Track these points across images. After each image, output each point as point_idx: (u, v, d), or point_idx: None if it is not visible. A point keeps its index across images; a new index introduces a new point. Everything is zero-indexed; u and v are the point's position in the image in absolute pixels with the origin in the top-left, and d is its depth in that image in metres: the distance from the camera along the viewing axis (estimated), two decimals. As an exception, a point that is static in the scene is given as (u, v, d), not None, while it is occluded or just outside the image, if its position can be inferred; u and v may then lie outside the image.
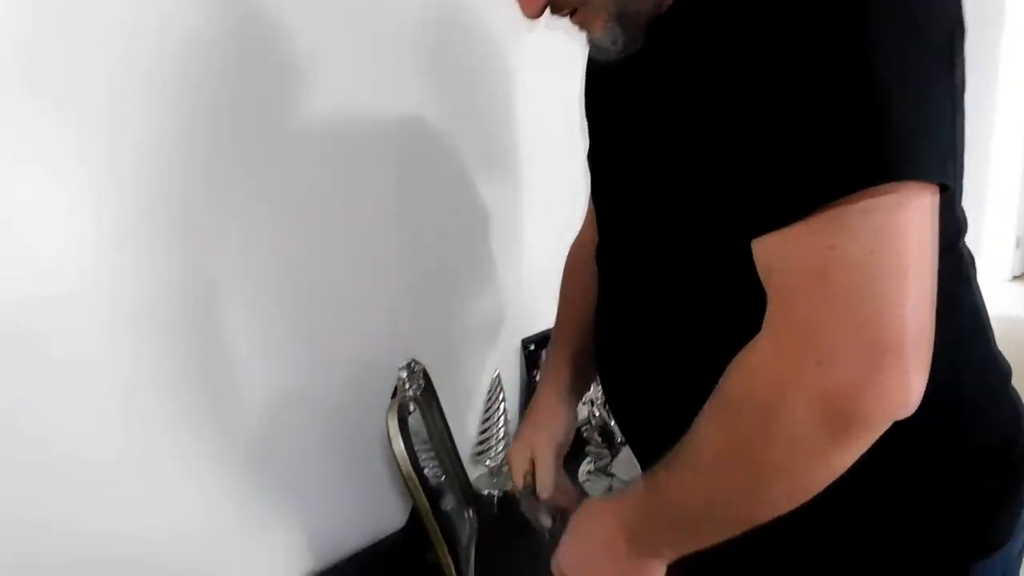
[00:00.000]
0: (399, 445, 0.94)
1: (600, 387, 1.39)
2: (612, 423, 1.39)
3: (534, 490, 0.94)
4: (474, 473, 1.36)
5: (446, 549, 0.97)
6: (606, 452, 1.40)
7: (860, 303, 0.53)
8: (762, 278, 0.58)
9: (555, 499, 0.93)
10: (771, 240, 0.57)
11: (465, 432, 1.34)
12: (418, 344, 1.24)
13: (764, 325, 0.58)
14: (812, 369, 0.54)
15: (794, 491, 0.59)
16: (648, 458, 0.71)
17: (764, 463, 0.58)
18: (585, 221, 1.01)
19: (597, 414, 1.40)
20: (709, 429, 0.62)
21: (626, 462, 1.36)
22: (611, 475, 1.38)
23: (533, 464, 0.94)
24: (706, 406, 0.62)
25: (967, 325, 0.70)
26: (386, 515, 1.22)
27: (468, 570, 1.08)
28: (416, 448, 1.08)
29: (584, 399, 1.39)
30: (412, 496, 0.95)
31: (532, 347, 1.47)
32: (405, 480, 0.95)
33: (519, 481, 0.95)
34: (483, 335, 1.39)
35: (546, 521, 0.97)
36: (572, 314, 0.97)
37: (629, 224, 0.77)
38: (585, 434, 1.40)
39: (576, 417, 0.98)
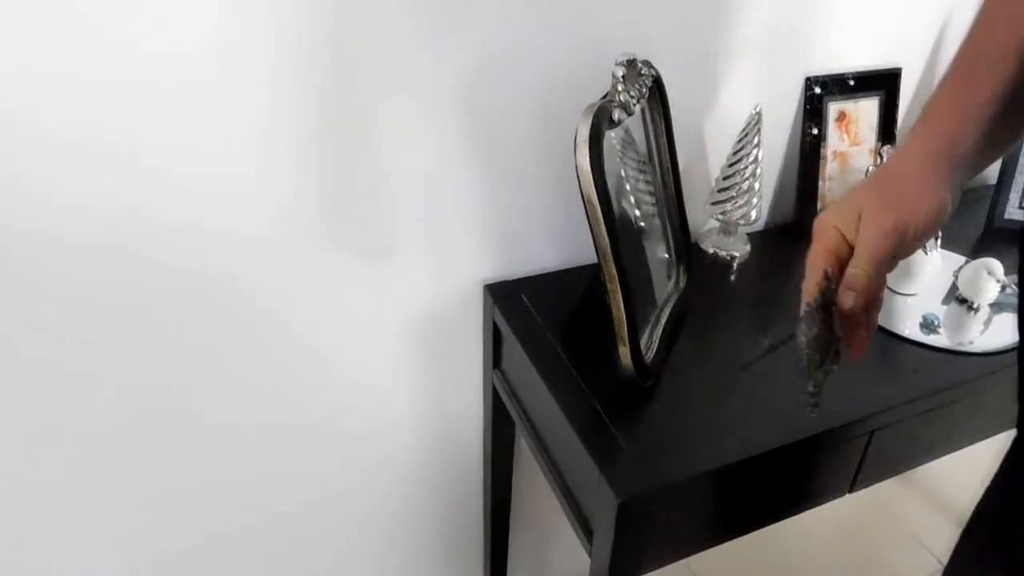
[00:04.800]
0: (584, 157, 0.72)
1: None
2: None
3: (829, 291, 0.58)
4: (704, 225, 1.12)
5: (620, 298, 0.77)
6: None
7: None
8: None
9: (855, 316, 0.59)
10: None
11: (706, 175, 1.09)
12: (661, 45, 0.96)
13: None
14: None
15: None
16: None
17: None
18: None
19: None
20: None
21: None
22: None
23: (846, 246, 0.59)
24: None
25: None
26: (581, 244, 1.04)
27: (654, 333, 0.90)
28: (627, 170, 0.86)
29: (868, 171, 1.06)
30: (590, 224, 0.75)
31: (818, 89, 1.11)
32: (584, 203, 0.74)
33: (815, 264, 0.60)
34: (751, 57, 1.05)
35: (806, 356, 0.60)
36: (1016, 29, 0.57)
37: None
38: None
39: (955, 203, 0.59)
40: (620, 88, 0.78)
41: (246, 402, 0.99)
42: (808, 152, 1.14)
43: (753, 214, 1.05)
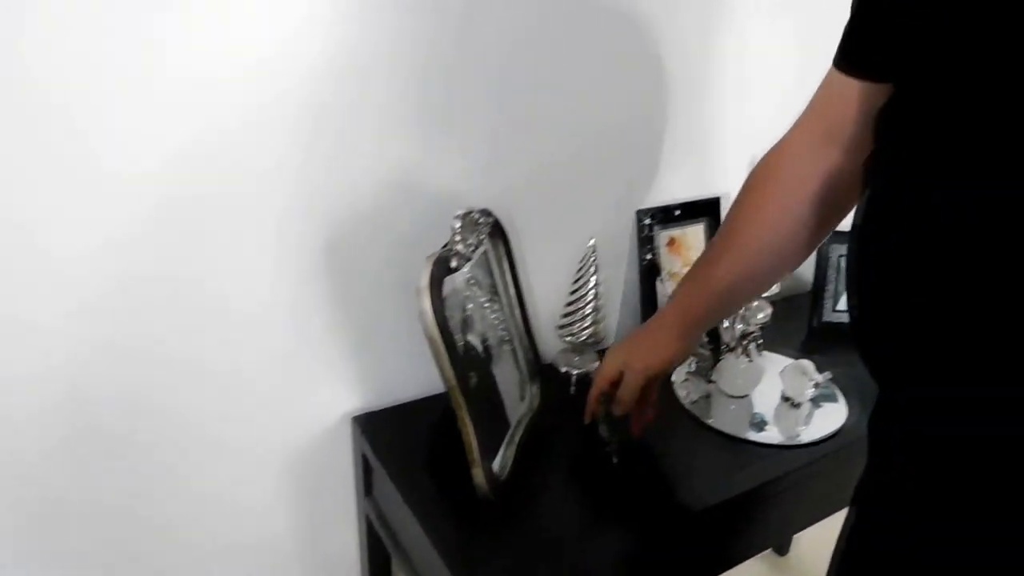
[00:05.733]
0: (425, 302, 0.81)
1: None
2: (724, 324, 1.19)
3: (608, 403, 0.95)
4: (557, 347, 1.23)
5: (469, 424, 0.85)
6: (708, 356, 1.20)
7: None
8: None
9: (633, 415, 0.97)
10: None
11: (556, 302, 1.20)
12: (507, 195, 1.09)
13: None
14: None
15: None
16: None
17: None
18: (802, 127, 0.80)
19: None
20: None
21: (729, 371, 1.16)
22: (711, 382, 1.20)
23: (619, 377, 0.93)
24: None
25: None
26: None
27: (509, 451, 0.97)
28: (474, 305, 0.96)
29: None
30: (435, 360, 0.83)
31: (648, 220, 1.27)
32: (428, 341, 0.83)
33: (595, 389, 0.96)
34: (588, 197, 1.20)
35: (604, 432, 1.00)
36: (742, 237, 0.84)
37: None
38: (692, 330, 1.21)
39: (689, 354, 0.95)
40: (458, 238, 0.89)
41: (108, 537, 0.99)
42: (646, 275, 1.27)
43: (599, 334, 1.16)
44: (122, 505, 0.97)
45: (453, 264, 0.87)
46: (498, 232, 1.02)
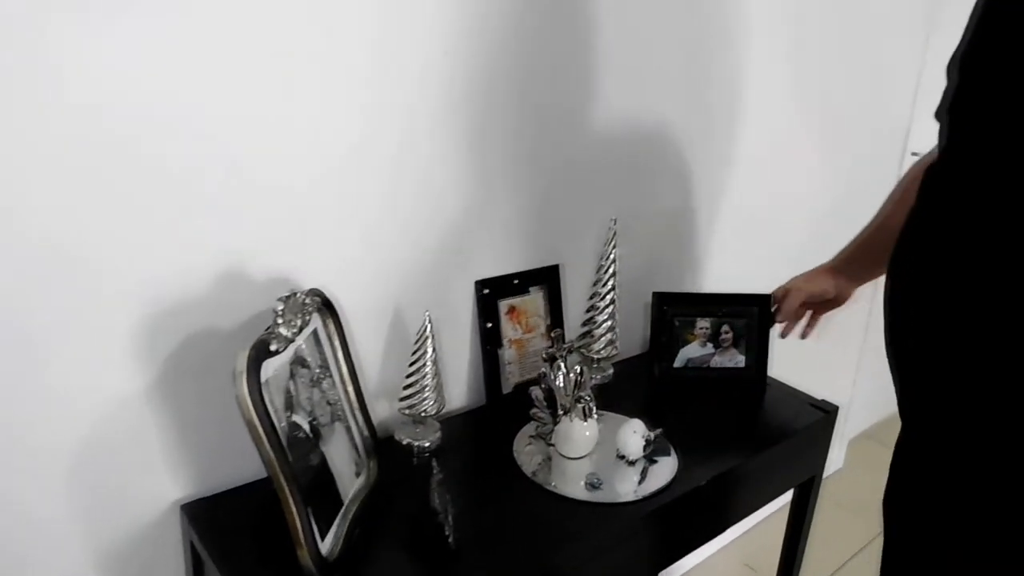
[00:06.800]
0: (241, 386, 0.82)
1: (560, 344, 1.26)
2: (560, 384, 1.24)
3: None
4: (399, 419, 1.24)
5: (292, 505, 0.85)
6: (548, 419, 1.25)
7: None
8: None
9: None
10: None
11: (397, 375, 1.22)
12: (341, 273, 1.12)
13: None
14: None
15: None
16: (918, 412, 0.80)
17: None
18: None
19: (548, 374, 1.25)
20: None
21: (565, 434, 1.21)
22: (551, 445, 1.24)
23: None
24: None
25: None
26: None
27: (342, 528, 0.97)
28: (299, 385, 0.97)
29: (545, 353, 1.25)
30: (255, 444, 0.83)
31: (487, 290, 1.32)
32: (247, 426, 0.83)
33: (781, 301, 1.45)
34: (425, 270, 1.24)
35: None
36: (886, 216, 1.25)
37: None
38: (533, 395, 1.26)
39: (841, 291, 1.40)
40: (280, 321, 0.90)
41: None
42: (487, 343, 1.32)
43: (440, 403, 1.18)
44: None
45: (273, 347, 0.88)
46: (328, 311, 1.04)
